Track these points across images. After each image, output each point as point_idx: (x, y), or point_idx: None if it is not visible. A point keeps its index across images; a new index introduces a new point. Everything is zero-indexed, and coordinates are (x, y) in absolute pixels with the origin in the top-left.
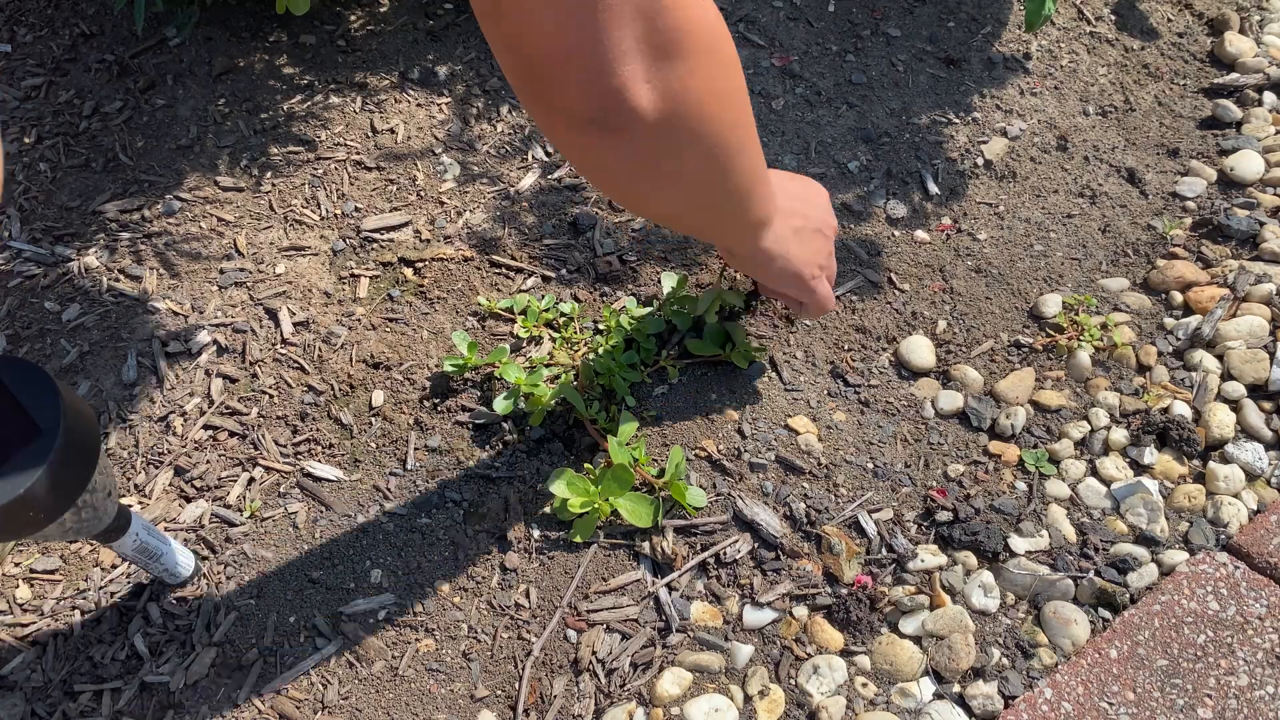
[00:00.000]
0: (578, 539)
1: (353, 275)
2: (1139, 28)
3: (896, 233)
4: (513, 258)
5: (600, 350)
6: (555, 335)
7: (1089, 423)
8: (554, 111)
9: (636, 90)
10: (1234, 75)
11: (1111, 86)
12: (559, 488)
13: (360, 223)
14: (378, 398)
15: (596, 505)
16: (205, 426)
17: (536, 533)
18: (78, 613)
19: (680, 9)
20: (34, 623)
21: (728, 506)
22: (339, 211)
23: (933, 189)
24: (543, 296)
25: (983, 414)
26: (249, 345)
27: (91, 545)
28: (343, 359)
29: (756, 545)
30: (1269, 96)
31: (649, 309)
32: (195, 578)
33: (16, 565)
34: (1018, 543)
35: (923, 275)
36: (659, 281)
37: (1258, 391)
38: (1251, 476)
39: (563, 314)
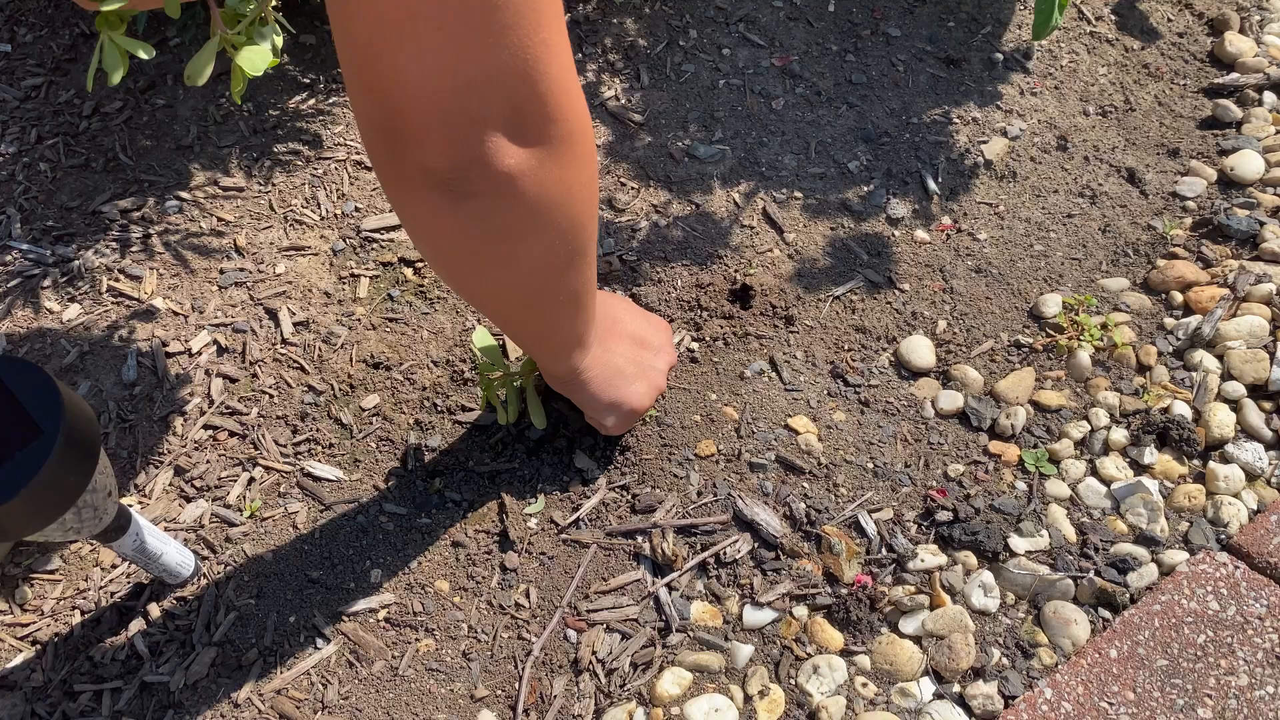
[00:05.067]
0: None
1: (353, 275)
2: (1139, 28)
3: (896, 233)
4: None
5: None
6: None
7: (1089, 423)
8: (407, 167)
9: (497, 158)
10: (1234, 75)
11: (1111, 86)
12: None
13: (360, 223)
14: (378, 398)
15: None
16: (205, 426)
17: (536, 531)
18: (78, 613)
19: (555, 94)
20: (34, 623)
21: (728, 506)
22: (339, 211)
23: (933, 189)
24: None
25: (983, 414)
26: (249, 345)
27: (91, 545)
28: (343, 359)
29: (756, 545)
30: (1269, 96)
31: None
32: (195, 578)
33: (16, 565)
34: (1018, 543)
35: (923, 275)
36: (659, 281)
37: (1258, 391)
38: (1251, 476)
39: None
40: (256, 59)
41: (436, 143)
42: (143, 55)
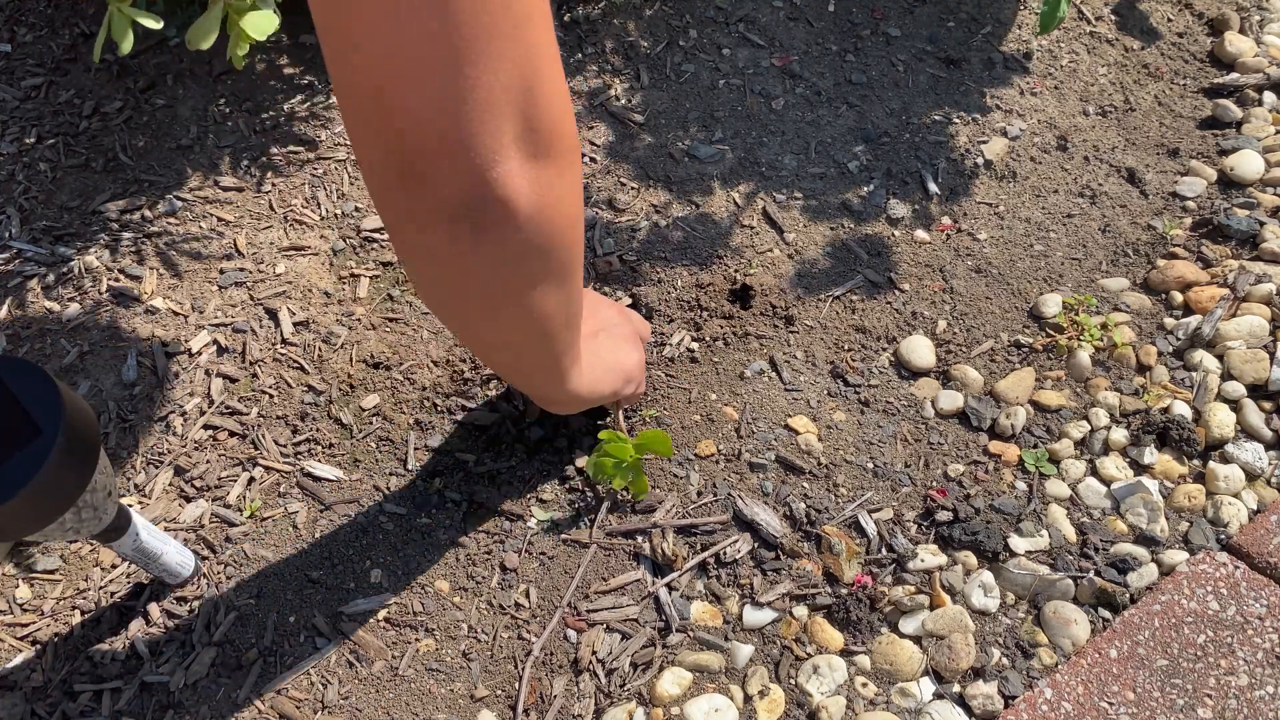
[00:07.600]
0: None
1: (353, 275)
2: (1139, 28)
3: (896, 233)
4: None
5: None
6: None
7: (1089, 423)
8: (423, 205)
9: (514, 183)
10: (1234, 75)
11: (1111, 86)
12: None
13: (360, 222)
14: (378, 398)
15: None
16: (205, 426)
17: (536, 531)
18: (78, 613)
19: (553, 111)
20: (34, 623)
21: (728, 506)
22: (339, 211)
23: (933, 189)
24: None
25: (983, 414)
26: (249, 345)
27: (91, 545)
28: (343, 359)
29: (756, 545)
30: (1269, 96)
31: None
32: (195, 578)
33: (16, 565)
34: (1018, 543)
35: (923, 275)
36: (659, 281)
37: (1258, 391)
38: (1251, 476)
39: None
40: (261, 23)
41: (455, 175)
42: (151, 25)
